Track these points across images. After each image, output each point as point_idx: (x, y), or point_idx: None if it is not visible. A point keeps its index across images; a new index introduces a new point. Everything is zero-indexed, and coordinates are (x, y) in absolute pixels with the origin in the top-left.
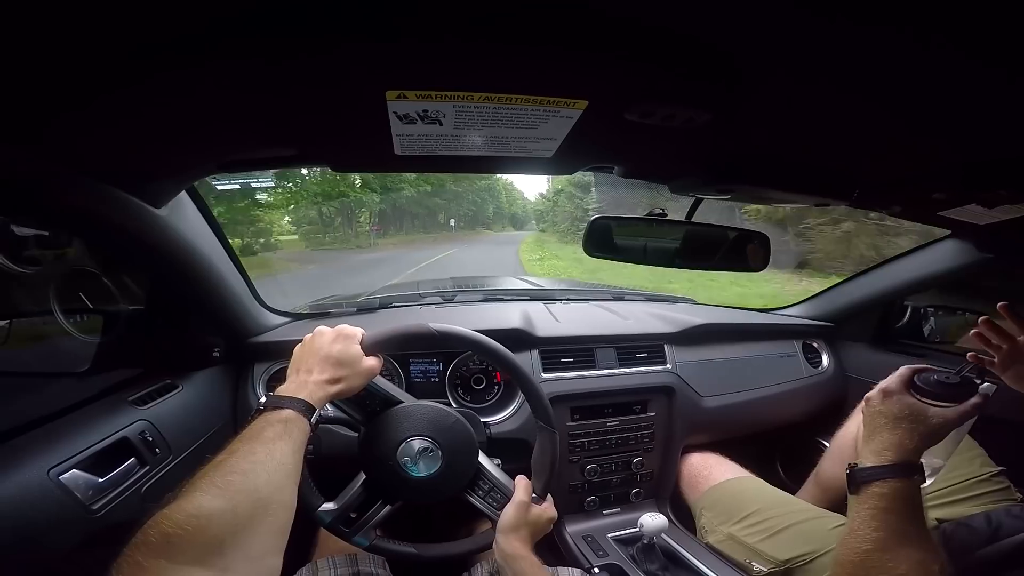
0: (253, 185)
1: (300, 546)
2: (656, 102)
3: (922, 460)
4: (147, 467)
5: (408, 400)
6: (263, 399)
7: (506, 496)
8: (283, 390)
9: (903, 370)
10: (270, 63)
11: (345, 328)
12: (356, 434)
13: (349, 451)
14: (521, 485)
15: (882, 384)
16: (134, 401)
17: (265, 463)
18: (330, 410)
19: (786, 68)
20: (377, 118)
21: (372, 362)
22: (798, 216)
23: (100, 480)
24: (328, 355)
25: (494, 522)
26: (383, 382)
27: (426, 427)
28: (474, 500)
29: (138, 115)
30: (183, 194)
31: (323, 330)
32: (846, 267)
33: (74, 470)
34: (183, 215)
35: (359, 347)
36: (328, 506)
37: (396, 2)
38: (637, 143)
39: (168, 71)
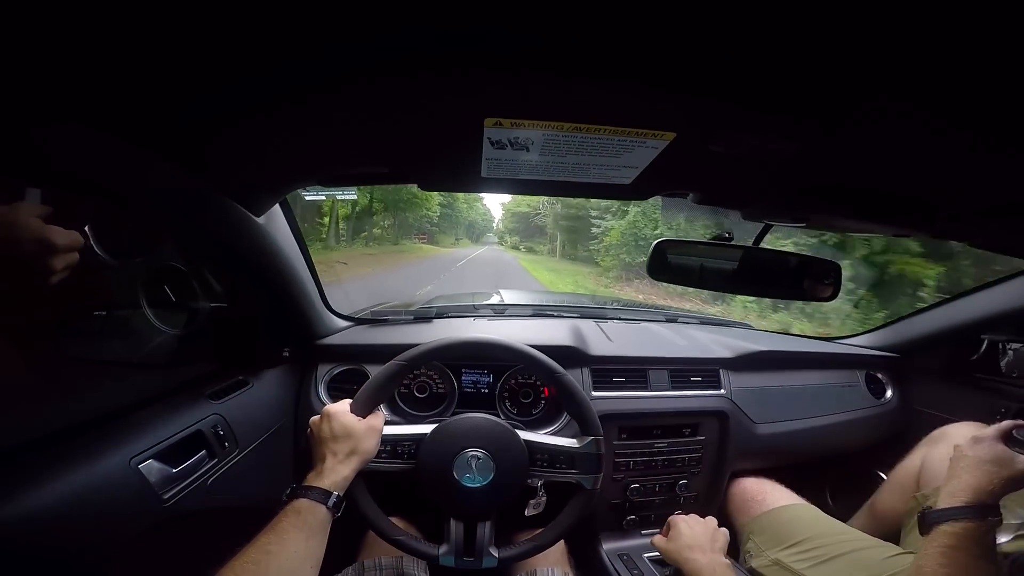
0: (339, 197)
1: (347, 547)
2: (744, 135)
3: (1003, 509)
4: (215, 460)
5: (429, 428)
6: (286, 492)
7: (571, 455)
8: (307, 481)
9: (1004, 423)
10: (391, 88)
11: (328, 408)
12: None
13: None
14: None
15: (976, 433)
16: (210, 396)
17: (276, 554)
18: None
19: (888, 99)
20: (471, 142)
21: (372, 420)
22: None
23: (173, 471)
24: (326, 438)
25: (579, 484)
26: (397, 428)
27: (469, 439)
28: (545, 475)
29: (263, 134)
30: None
31: (314, 420)
32: None
33: (152, 460)
34: (276, 223)
35: (351, 416)
36: (443, 549)
37: (516, 37)
38: (717, 171)
39: (305, 94)
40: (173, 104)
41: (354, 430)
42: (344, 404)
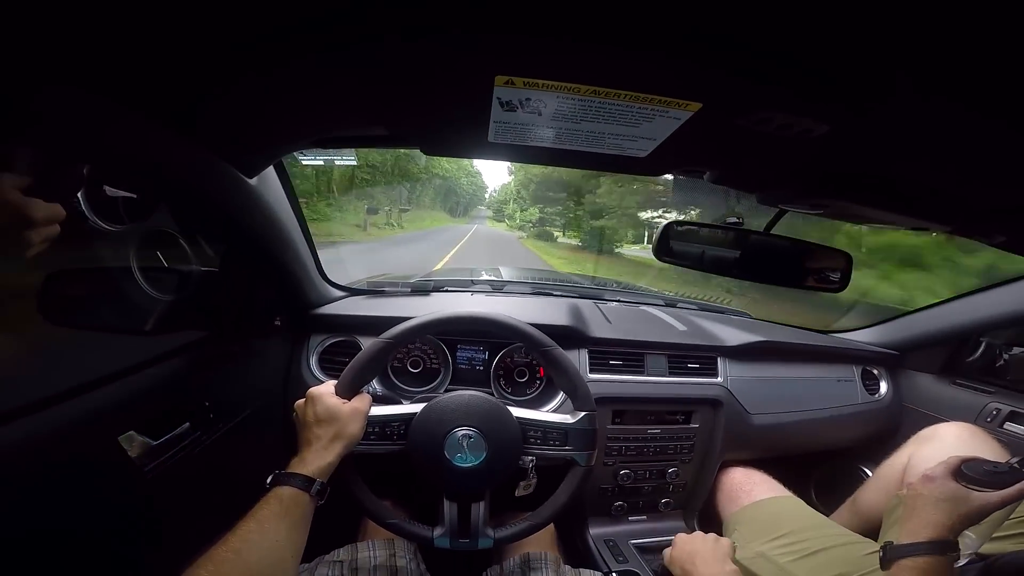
0: (336, 162)
1: (347, 528)
2: (775, 110)
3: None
4: (199, 432)
5: (418, 407)
6: (268, 479)
7: (564, 431)
8: (290, 467)
9: (951, 459)
10: (394, 43)
11: (311, 391)
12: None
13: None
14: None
15: (926, 471)
16: (197, 365)
17: (258, 542)
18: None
19: (921, 87)
20: (479, 103)
21: (357, 403)
22: None
23: (154, 443)
24: (310, 422)
25: (573, 461)
26: (384, 408)
27: (460, 417)
28: (539, 452)
29: (257, 94)
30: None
31: (298, 404)
32: None
33: (132, 431)
34: (269, 186)
35: (335, 399)
36: (438, 531)
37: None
38: (738, 149)
39: (300, 54)
40: (161, 60)
41: (338, 413)
42: (328, 386)
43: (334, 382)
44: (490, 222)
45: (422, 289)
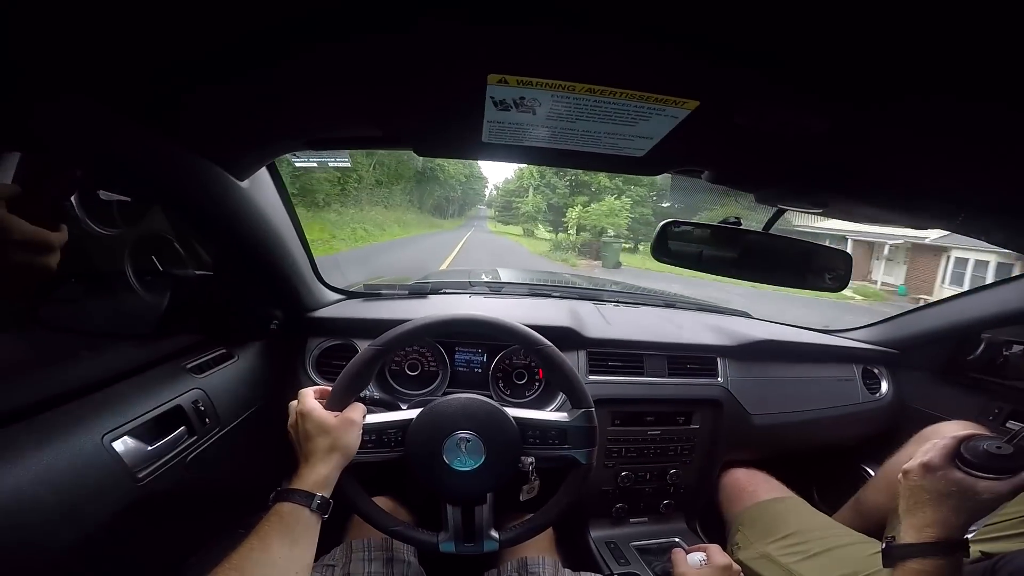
0: (330, 164)
1: (333, 529)
2: (775, 108)
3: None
4: (194, 437)
5: (414, 412)
6: (271, 496)
7: (563, 429)
8: (291, 482)
9: (947, 441)
10: (384, 40)
11: (300, 408)
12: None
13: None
14: (715, 550)
15: (923, 457)
16: (192, 369)
17: (259, 559)
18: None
19: (933, 83)
20: (472, 102)
21: (349, 414)
22: None
23: (149, 448)
24: (303, 439)
25: (573, 459)
26: (381, 416)
27: (457, 421)
28: (538, 452)
29: (244, 92)
30: (263, 168)
31: (291, 421)
32: None
33: (126, 437)
34: (262, 189)
35: (325, 413)
36: (443, 536)
37: None
38: (737, 148)
39: (284, 53)
40: (146, 59)
41: (330, 427)
42: (316, 402)
43: (316, 389)
44: (492, 226)
45: (419, 291)
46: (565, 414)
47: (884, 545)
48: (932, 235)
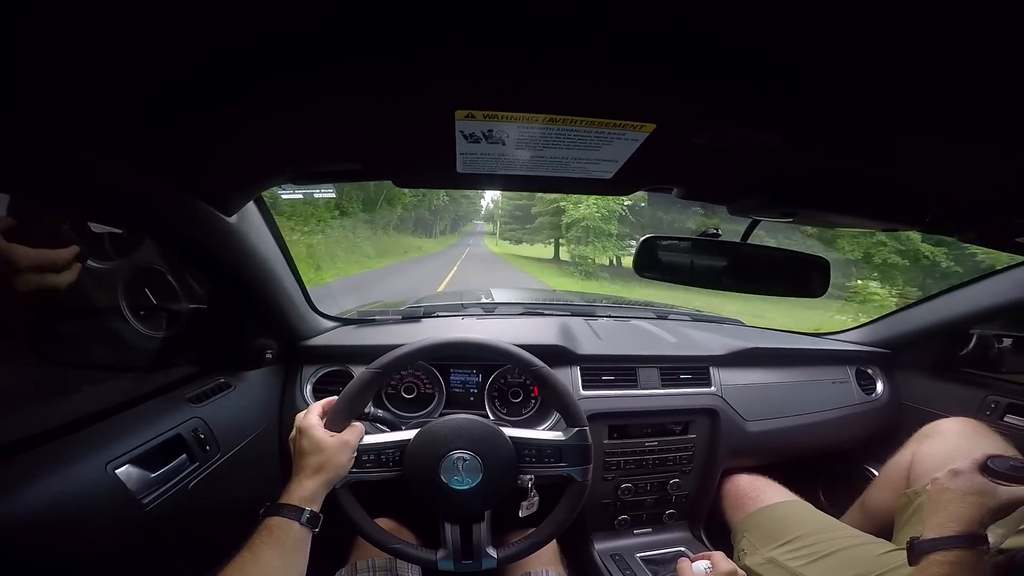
0: (316, 195)
1: (338, 549)
2: (729, 126)
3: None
4: (196, 464)
5: (412, 433)
6: (262, 510)
7: (558, 448)
8: (282, 497)
9: (978, 455)
10: (357, 81)
11: (301, 423)
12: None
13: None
14: (719, 557)
15: (953, 465)
16: (191, 399)
17: (253, 571)
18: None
19: (882, 90)
20: (444, 136)
21: (346, 435)
22: None
23: (152, 475)
24: (298, 454)
25: (570, 477)
26: (379, 436)
27: (453, 441)
28: (535, 471)
29: (227, 131)
30: (250, 202)
31: (292, 435)
32: None
33: (129, 465)
34: (250, 223)
35: (323, 431)
36: (441, 554)
37: (479, 23)
38: (701, 164)
39: (269, 88)
40: (133, 98)
41: (324, 446)
42: (317, 418)
43: (323, 403)
44: (490, 243)
45: (413, 316)
46: (560, 433)
47: (907, 546)
48: None
